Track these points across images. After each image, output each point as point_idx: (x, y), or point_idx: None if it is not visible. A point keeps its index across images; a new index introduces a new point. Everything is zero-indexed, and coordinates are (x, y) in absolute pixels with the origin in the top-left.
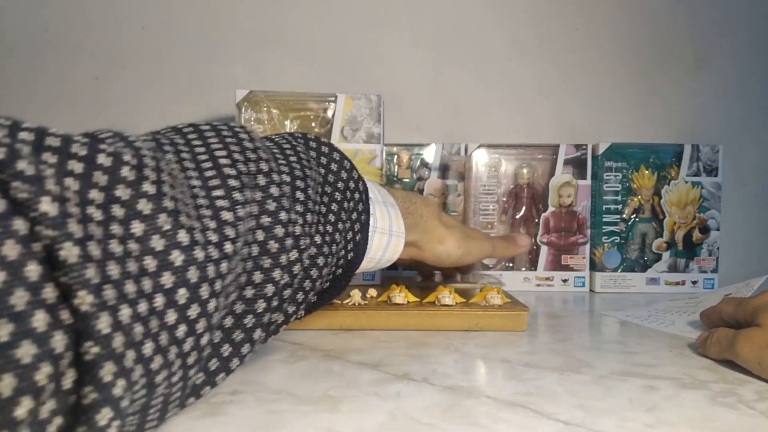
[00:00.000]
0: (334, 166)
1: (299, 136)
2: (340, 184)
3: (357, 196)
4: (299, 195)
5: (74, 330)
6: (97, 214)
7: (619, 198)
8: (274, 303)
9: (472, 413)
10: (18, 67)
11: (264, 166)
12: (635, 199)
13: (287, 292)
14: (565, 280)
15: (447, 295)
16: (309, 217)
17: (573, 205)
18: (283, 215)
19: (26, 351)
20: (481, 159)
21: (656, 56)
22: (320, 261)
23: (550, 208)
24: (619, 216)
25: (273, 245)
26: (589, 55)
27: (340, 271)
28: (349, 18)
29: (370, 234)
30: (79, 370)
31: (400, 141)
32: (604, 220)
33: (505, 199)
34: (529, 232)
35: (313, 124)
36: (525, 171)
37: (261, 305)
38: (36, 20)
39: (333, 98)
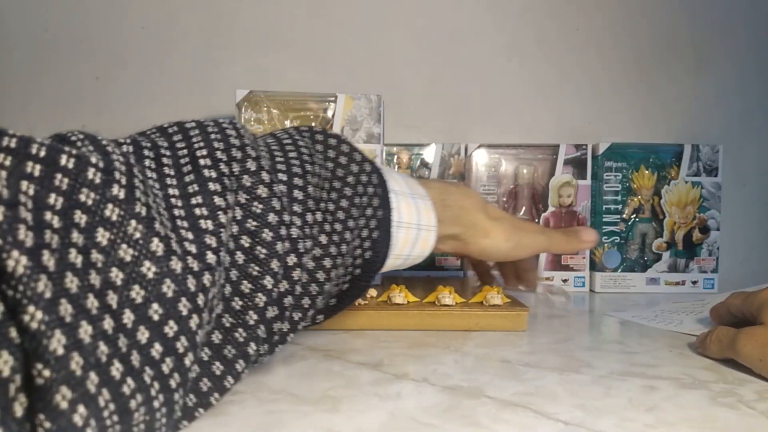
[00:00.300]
0: (342, 159)
1: (305, 129)
2: (350, 179)
3: (371, 190)
4: (297, 194)
5: (24, 350)
6: (54, 221)
7: (619, 198)
8: (271, 313)
9: (472, 413)
10: (18, 67)
11: (251, 165)
12: (635, 199)
13: (288, 300)
14: (565, 280)
15: (447, 295)
16: (309, 217)
17: (573, 205)
18: (272, 217)
19: None
20: (481, 159)
21: (656, 56)
22: (327, 263)
23: (550, 208)
24: (619, 216)
25: (261, 251)
26: (589, 55)
27: (358, 271)
28: (349, 18)
29: (394, 230)
30: (31, 395)
31: (400, 141)
32: (604, 220)
33: (505, 199)
34: None
35: (313, 124)
36: (525, 171)
37: (252, 317)
38: (36, 20)
39: (333, 98)
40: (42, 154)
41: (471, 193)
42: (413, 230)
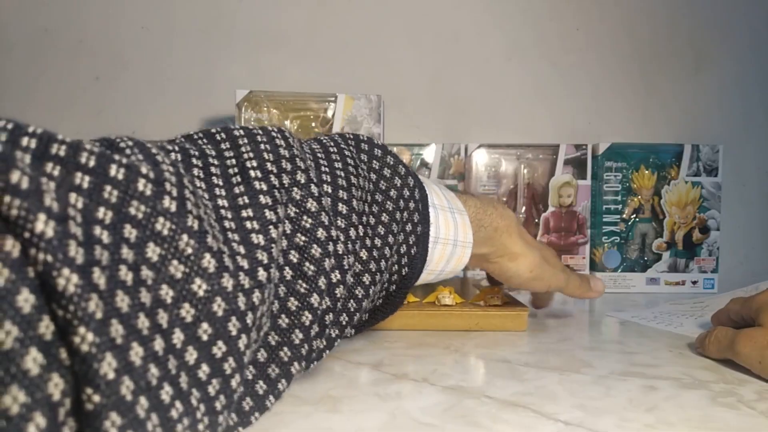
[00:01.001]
0: (387, 172)
1: (350, 137)
2: (392, 192)
3: (412, 205)
4: (341, 207)
5: (74, 372)
6: (104, 236)
7: (619, 198)
8: (314, 331)
9: (472, 413)
10: (18, 67)
11: (301, 177)
12: (635, 199)
13: (329, 317)
14: None
15: (447, 295)
16: (352, 232)
17: (573, 205)
18: (320, 233)
19: (15, 398)
20: (481, 159)
21: (656, 56)
22: (366, 279)
23: (550, 208)
24: (619, 216)
25: (309, 268)
26: (589, 55)
27: (393, 287)
28: (349, 18)
29: (430, 246)
30: (79, 420)
31: (400, 141)
32: (604, 220)
33: (505, 199)
34: (529, 232)
35: (313, 124)
36: (525, 171)
37: (298, 336)
38: (36, 20)
39: (333, 98)
40: (92, 164)
41: (507, 215)
42: (449, 246)
